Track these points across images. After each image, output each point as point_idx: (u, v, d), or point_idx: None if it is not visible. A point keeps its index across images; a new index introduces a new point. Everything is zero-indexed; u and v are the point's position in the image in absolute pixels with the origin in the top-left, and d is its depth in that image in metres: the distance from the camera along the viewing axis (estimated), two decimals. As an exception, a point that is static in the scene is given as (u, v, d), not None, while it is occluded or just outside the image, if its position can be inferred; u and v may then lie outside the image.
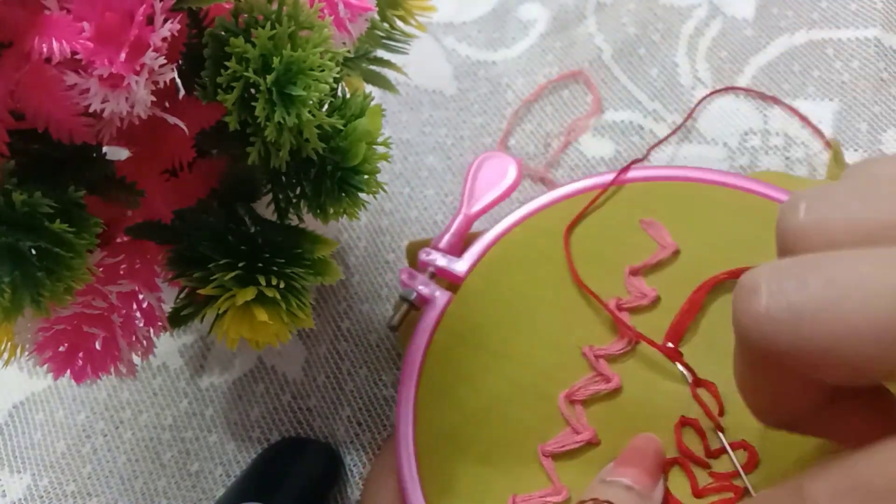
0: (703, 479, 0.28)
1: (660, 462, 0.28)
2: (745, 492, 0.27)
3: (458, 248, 0.35)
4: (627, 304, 0.32)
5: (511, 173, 0.36)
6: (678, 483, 0.28)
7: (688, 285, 0.31)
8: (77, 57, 0.21)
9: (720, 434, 0.28)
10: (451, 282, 0.34)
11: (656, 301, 0.32)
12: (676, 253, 0.33)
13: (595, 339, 0.31)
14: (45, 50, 0.20)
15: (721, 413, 0.29)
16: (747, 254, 0.32)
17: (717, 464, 0.28)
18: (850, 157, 0.41)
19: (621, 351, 0.31)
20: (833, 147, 0.39)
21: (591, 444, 0.29)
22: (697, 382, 0.29)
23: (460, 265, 0.34)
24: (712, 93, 0.44)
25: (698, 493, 0.28)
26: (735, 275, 0.31)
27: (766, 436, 0.28)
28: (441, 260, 0.34)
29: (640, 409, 0.30)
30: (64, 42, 0.20)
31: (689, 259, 0.32)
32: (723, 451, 0.28)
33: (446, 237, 0.35)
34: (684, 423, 0.29)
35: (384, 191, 0.28)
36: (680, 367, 0.30)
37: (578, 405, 0.30)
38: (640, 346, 0.31)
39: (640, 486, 0.26)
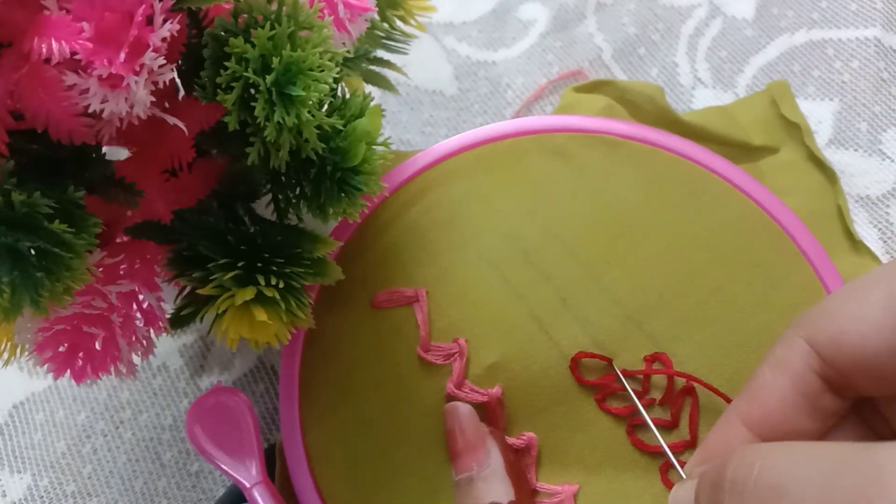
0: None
1: (475, 428, 0.27)
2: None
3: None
4: None
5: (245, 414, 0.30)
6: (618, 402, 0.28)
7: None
8: (76, 57, 0.21)
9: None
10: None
11: None
12: None
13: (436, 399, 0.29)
14: (44, 50, 0.20)
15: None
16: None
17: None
18: (850, 156, 0.41)
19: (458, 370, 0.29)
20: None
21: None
22: (577, 357, 0.29)
23: None
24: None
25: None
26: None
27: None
28: None
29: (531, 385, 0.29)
30: (63, 42, 0.20)
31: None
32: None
33: None
34: (577, 358, 0.28)
35: (384, 191, 0.28)
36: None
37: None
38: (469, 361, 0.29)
39: (475, 469, 0.27)
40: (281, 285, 0.26)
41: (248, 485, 0.29)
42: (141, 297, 0.27)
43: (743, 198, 0.31)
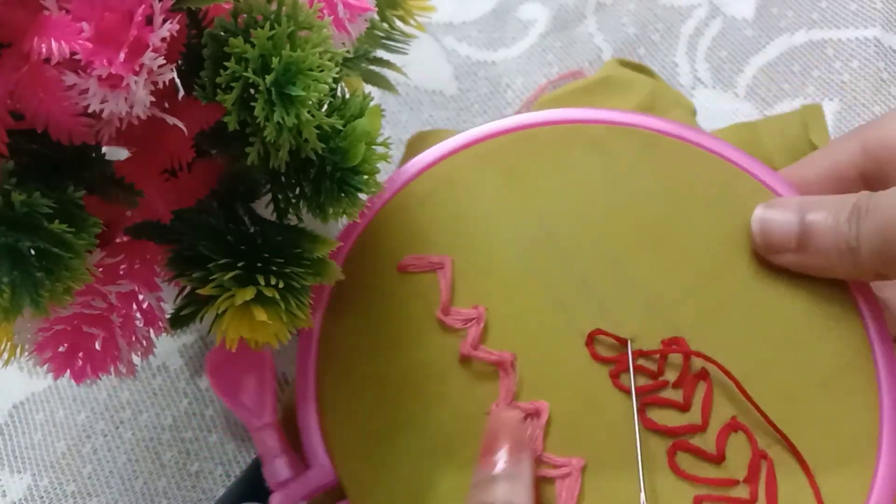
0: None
1: (518, 436, 0.27)
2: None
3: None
4: None
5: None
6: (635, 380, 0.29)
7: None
8: (76, 57, 0.21)
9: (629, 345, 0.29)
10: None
11: None
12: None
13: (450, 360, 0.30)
14: (44, 50, 0.20)
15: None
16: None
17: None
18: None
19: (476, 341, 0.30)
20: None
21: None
22: (592, 332, 0.29)
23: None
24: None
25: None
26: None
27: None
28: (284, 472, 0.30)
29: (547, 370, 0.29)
30: (63, 42, 0.20)
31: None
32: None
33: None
34: (593, 335, 0.29)
35: (384, 191, 0.28)
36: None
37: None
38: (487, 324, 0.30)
39: (501, 469, 0.26)
40: (281, 285, 0.26)
41: (258, 424, 0.30)
42: (141, 297, 0.27)
43: (773, 197, 0.31)
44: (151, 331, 0.28)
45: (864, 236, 0.25)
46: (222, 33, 0.24)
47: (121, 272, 0.27)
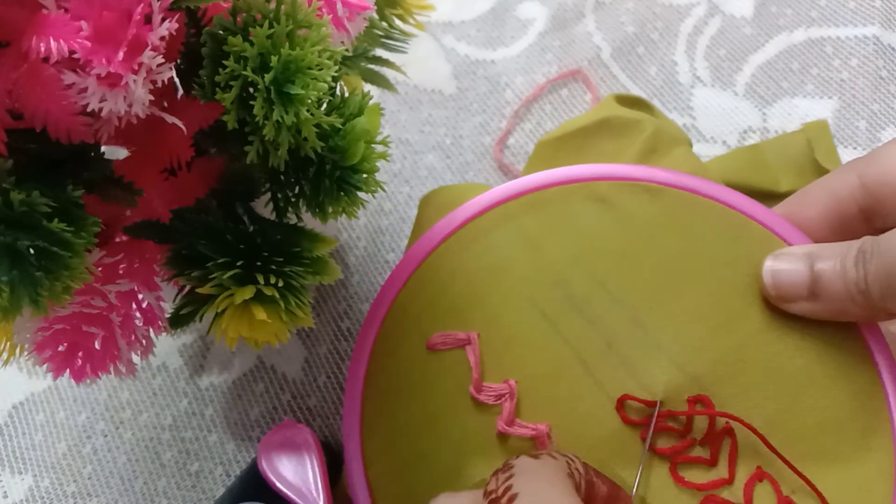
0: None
1: None
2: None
3: None
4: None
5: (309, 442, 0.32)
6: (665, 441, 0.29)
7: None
8: (75, 56, 0.21)
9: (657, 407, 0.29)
10: None
11: None
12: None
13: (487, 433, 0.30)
14: (42, 49, 0.20)
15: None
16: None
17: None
18: (850, 154, 0.41)
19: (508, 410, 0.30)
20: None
21: None
22: (623, 397, 0.30)
23: None
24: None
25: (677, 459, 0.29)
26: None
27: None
28: None
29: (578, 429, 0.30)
30: (62, 41, 0.20)
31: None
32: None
33: None
34: (623, 399, 0.29)
35: (383, 190, 0.28)
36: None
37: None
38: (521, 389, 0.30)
39: None
40: (280, 284, 0.26)
41: None
42: (140, 296, 0.27)
43: (781, 244, 0.31)
44: (151, 330, 0.28)
45: (872, 278, 0.26)
46: (221, 32, 0.24)
47: (120, 271, 0.27)
